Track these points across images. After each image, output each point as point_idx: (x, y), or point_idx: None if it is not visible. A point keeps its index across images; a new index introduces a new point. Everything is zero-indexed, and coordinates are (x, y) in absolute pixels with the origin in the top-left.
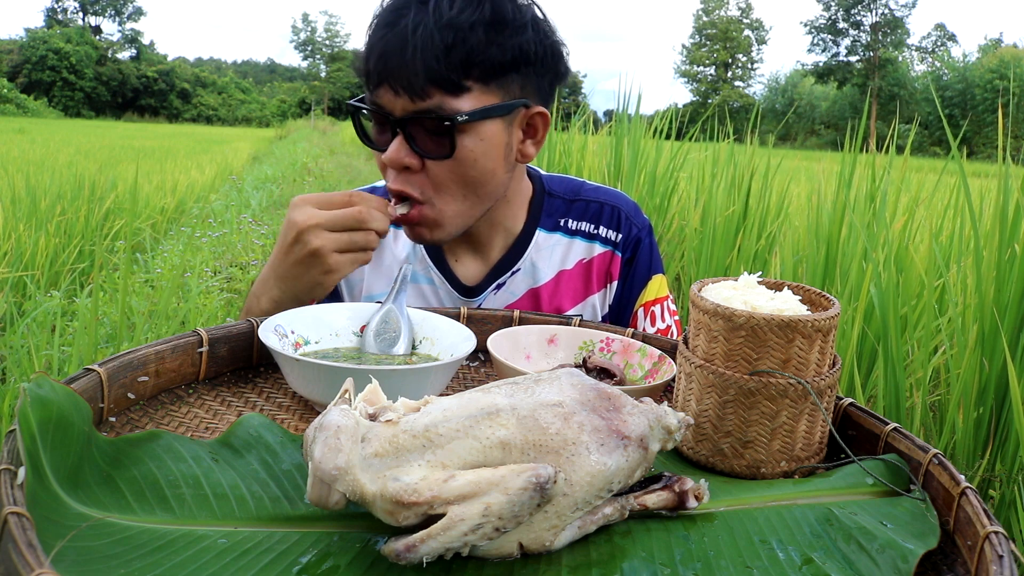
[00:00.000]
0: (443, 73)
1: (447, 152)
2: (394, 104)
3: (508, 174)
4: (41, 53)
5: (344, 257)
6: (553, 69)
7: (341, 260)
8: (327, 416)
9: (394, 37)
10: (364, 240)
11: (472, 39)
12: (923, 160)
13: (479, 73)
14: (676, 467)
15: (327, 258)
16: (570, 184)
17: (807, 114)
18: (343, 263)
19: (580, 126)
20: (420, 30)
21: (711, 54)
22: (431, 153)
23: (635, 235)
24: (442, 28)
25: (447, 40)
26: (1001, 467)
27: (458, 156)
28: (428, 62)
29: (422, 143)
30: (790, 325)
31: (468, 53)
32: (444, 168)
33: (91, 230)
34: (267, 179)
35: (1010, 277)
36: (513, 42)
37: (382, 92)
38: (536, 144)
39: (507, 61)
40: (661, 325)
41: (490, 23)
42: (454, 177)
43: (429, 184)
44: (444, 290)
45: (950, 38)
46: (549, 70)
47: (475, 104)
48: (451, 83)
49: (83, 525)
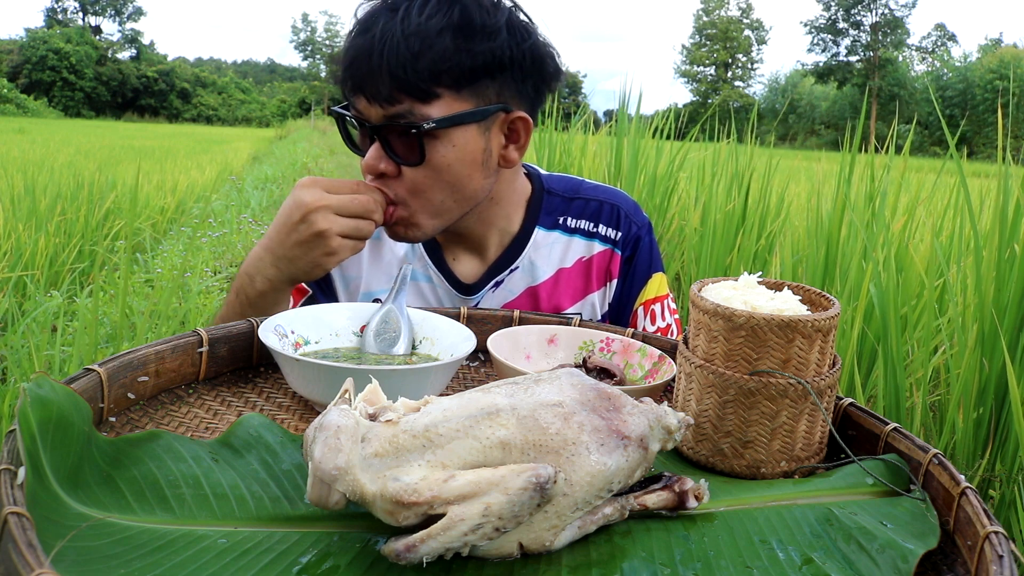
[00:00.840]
0: (411, 80)
1: (418, 159)
2: (369, 111)
3: (488, 179)
4: (41, 53)
5: (347, 242)
6: (536, 72)
7: (343, 244)
8: (327, 416)
9: (363, 44)
10: (367, 228)
11: (439, 45)
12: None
13: (449, 80)
14: (676, 467)
15: (331, 240)
16: (569, 182)
17: (807, 114)
18: (344, 247)
19: (580, 126)
20: (388, 38)
21: (711, 54)
22: (404, 159)
23: (635, 233)
24: (409, 36)
25: (413, 48)
26: (1001, 467)
27: (430, 162)
28: (395, 70)
29: (396, 149)
30: (790, 325)
31: (436, 60)
32: (418, 174)
33: (91, 230)
34: (267, 179)
35: (1010, 277)
36: (484, 47)
37: (358, 99)
38: (519, 149)
39: (478, 67)
40: (661, 324)
41: (458, 29)
42: (428, 183)
43: (404, 188)
44: (443, 288)
45: (950, 38)
46: (530, 74)
47: (446, 111)
48: (420, 90)
49: (83, 525)
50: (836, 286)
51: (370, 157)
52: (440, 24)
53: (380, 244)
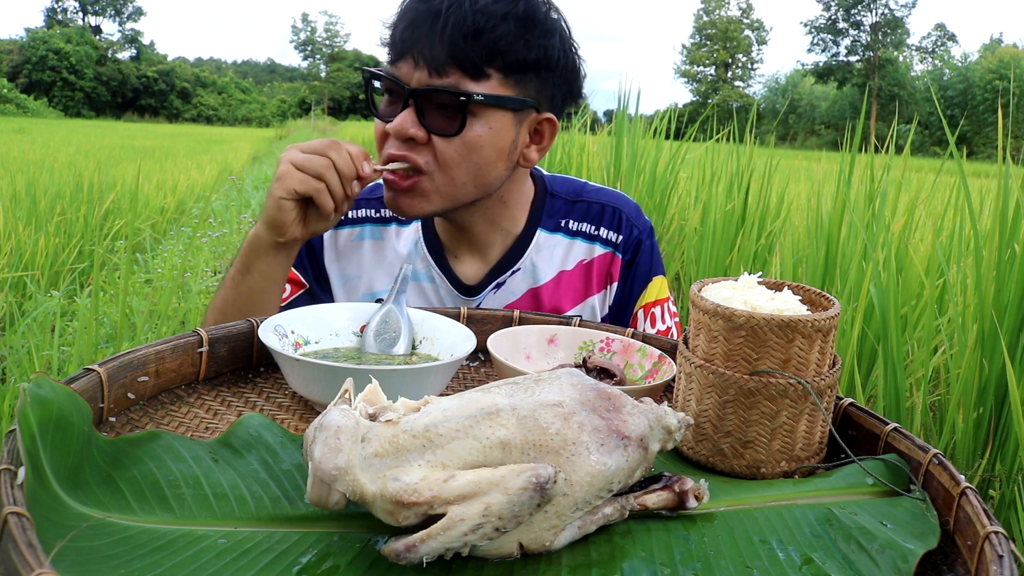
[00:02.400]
0: (467, 54)
1: (455, 130)
2: (411, 76)
3: (507, 172)
4: (41, 53)
5: (289, 199)
6: (569, 83)
7: (298, 176)
8: (327, 416)
9: (427, 10)
10: (322, 165)
11: (502, 29)
12: (923, 160)
13: (501, 63)
14: (676, 467)
15: (288, 173)
16: (572, 185)
17: (807, 114)
18: (299, 180)
19: (580, 126)
20: (455, 8)
21: (711, 54)
22: (439, 129)
23: (636, 237)
24: (476, 12)
25: (478, 24)
26: (1001, 467)
27: (464, 137)
28: (455, 39)
29: (431, 118)
30: (790, 325)
31: (495, 41)
32: (450, 147)
33: (91, 230)
34: (267, 179)
35: (1010, 277)
36: (539, 43)
37: (402, 63)
38: (540, 151)
39: (530, 60)
40: (661, 327)
41: (522, 19)
42: (456, 158)
43: (431, 157)
44: (444, 288)
45: (950, 38)
46: (565, 82)
47: (489, 91)
48: (473, 66)
49: (83, 525)
50: (836, 286)
51: (401, 120)
52: (506, 9)
53: (383, 244)
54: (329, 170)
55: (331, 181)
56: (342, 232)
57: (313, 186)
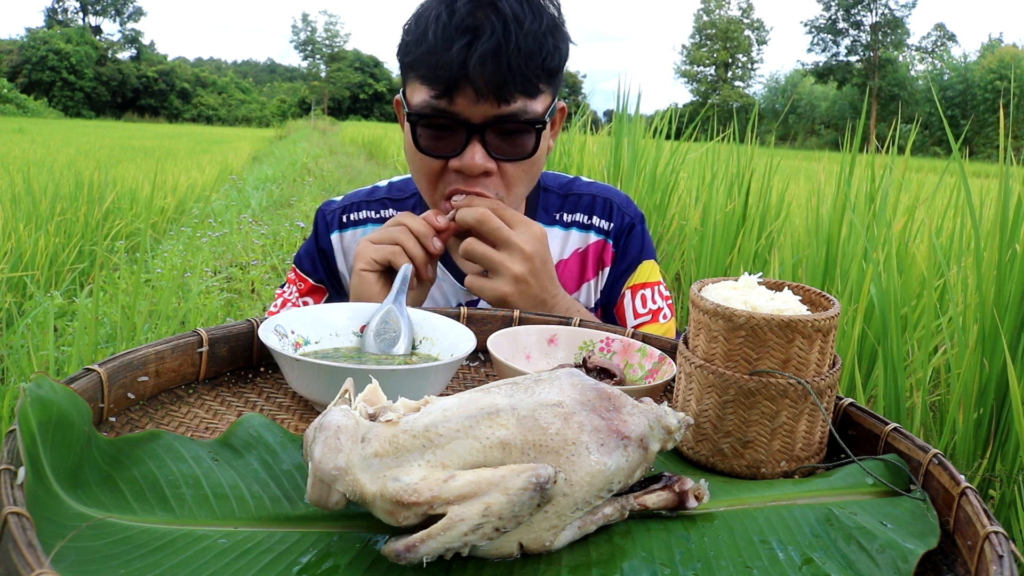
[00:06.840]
0: (530, 78)
1: (529, 153)
2: (472, 111)
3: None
4: (41, 53)
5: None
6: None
7: (373, 247)
8: (327, 416)
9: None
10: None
11: (547, 45)
12: (923, 160)
13: (547, 76)
14: (676, 467)
15: (364, 247)
16: (562, 179)
17: (807, 114)
18: (375, 250)
19: (580, 126)
20: (505, 35)
21: (711, 54)
22: (511, 155)
23: (627, 223)
24: (527, 35)
25: (531, 46)
26: (1001, 467)
27: (535, 155)
28: (517, 66)
29: (500, 146)
30: (790, 325)
31: (546, 58)
32: (519, 168)
33: (91, 230)
34: (267, 179)
35: (1010, 277)
36: (566, 46)
37: (458, 97)
38: (554, 137)
39: (562, 64)
40: (652, 306)
41: (552, 29)
42: (525, 177)
43: (502, 184)
44: (447, 282)
45: (950, 38)
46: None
47: (544, 105)
48: (533, 87)
49: (83, 525)
50: (836, 286)
51: (472, 157)
52: (542, 24)
53: None
54: (403, 233)
55: (407, 243)
56: (346, 235)
57: (389, 251)
